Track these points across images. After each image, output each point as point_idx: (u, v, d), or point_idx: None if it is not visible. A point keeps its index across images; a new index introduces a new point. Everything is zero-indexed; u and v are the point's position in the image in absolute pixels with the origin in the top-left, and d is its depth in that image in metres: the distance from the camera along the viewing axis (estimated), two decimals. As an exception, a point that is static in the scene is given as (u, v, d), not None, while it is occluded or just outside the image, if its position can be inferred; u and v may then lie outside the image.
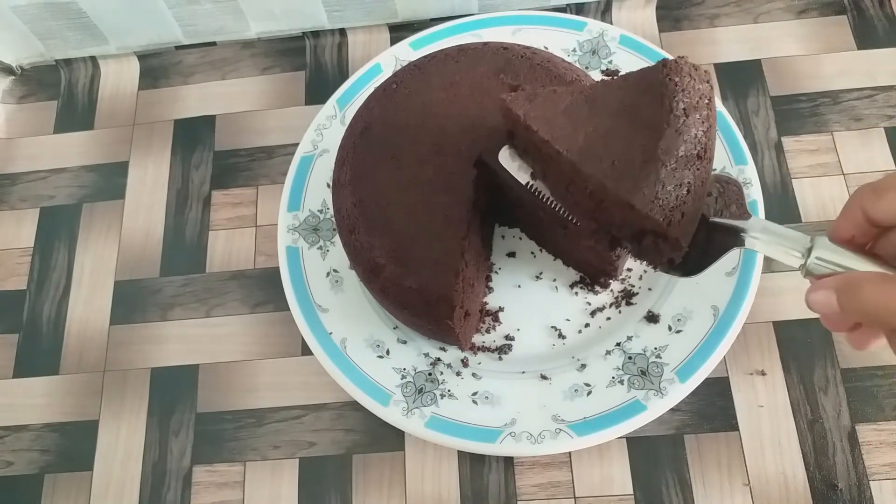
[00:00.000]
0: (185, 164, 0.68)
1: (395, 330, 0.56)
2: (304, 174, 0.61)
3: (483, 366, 0.55)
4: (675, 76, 0.40)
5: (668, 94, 0.40)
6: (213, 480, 0.57)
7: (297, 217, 0.60)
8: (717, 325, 0.53)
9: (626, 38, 0.63)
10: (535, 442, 0.51)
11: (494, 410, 0.53)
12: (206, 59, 0.73)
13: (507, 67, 0.54)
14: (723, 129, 0.59)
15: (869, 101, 0.63)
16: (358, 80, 0.64)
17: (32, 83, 0.74)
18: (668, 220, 0.39)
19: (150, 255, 0.65)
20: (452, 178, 0.50)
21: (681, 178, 0.39)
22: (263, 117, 0.69)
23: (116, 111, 0.71)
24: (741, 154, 0.58)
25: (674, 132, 0.39)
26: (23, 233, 0.67)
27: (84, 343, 0.62)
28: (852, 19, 0.67)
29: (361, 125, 0.54)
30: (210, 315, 0.62)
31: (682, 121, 0.39)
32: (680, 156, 0.39)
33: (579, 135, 0.42)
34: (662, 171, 0.39)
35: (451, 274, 0.48)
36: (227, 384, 0.59)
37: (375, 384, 0.54)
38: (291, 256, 0.58)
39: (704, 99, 0.40)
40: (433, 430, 0.52)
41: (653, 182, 0.39)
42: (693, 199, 0.39)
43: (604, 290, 0.57)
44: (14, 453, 0.59)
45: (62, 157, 0.70)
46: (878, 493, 0.52)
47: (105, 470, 0.58)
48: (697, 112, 0.40)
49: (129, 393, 0.60)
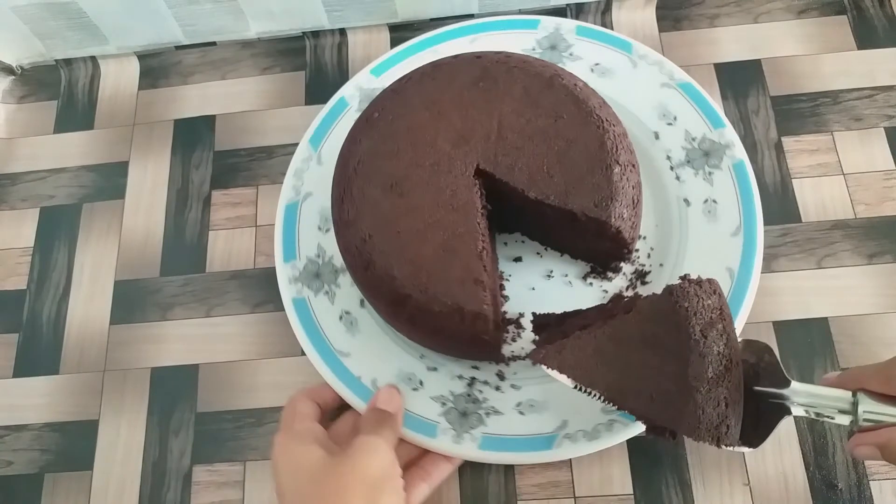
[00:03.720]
0: (185, 164, 0.68)
1: (422, 359, 0.55)
2: (293, 221, 0.60)
3: (519, 375, 0.54)
4: (683, 301, 0.43)
5: (681, 321, 0.42)
6: (213, 480, 0.57)
7: (295, 266, 0.58)
8: (734, 287, 0.53)
9: (583, 29, 0.64)
10: (592, 438, 0.50)
11: (543, 417, 0.52)
12: (206, 58, 0.73)
13: (484, 76, 0.54)
14: (694, 97, 0.60)
15: (869, 100, 0.63)
16: (326, 116, 0.63)
17: (33, 83, 0.74)
18: (716, 437, 0.41)
19: (150, 255, 0.65)
20: (456, 193, 0.50)
21: (717, 397, 0.41)
22: (263, 117, 0.69)
23: (116, 111, 0.71)
24: (717, 118, 0.59)
25: (698, 357, 0.42)
26: (23, 232, 0.67)
27: (84, 343, 0.62)
28: (852, 19, 0.67)
29: (353, 161, 0.53)
30: (210, 315, 0.62)
31: (702, 343, 0.42)
32: (710, 377, 0.41)
33: (613, 373, 0.44)
34: (699, 397, 0.41)
35: (479, 288, 0.48)
36: (227, 384, 0.59)
37: (418, 418, 0.52)
38: (300, 308, 0.57)
39: (716, 311, 0.43)
40: (488, 451, 0.51)
41: (692, 411, 0.41)
42: (733, 409, 0.41)
43: (616, 275, 0.57)
44: (14, 453, 0.59)
45: (62, 157, 0.70)
46: (877, 493, 0.52)
47: (105, 469, 0.58)
48: (713, 328, 0.42)
49: (129, 392, 0.60)
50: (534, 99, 0.53)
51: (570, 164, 0.51)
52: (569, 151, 0.52)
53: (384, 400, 0.51)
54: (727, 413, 0.41)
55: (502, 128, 0.52)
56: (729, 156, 0.58)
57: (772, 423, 0.43)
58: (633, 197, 0.52)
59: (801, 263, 0.59)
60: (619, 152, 0.52)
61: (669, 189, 0.58)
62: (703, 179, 0.58)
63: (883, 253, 0.58)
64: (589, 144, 0.51)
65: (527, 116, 0.53)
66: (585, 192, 0.51)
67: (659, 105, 0.61)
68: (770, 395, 0.43)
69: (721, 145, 0.58)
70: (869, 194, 0.60)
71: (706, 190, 0.57)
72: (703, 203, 0.57)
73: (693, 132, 0.59)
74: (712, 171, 0.58)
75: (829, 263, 0.58)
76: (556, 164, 0.51)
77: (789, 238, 0.59)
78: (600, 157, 0.51)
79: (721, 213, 0.56)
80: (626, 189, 0.51)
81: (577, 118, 0.52)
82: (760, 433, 0.43)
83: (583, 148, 0.51)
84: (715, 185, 0.57)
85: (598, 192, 0.50)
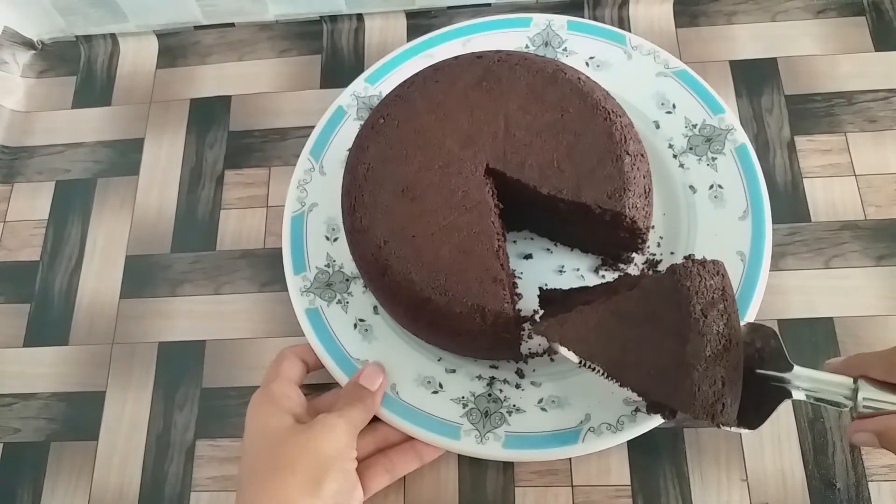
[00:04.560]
0: (199, 143, 0.69)
1: (440, 362, 0.55)
2: (300, 233, 0.59)
3: (538, 371, 0.54)
4: (685, 281, 0.43)
5: (683, 300, 0.43)
6: (216, 455, 0.57)
7: (306, 278, 0.58)
8: (746, 270, 0.54)
9: (574, 24, 0.64)
10: (617, 430, 0.50)
11: (566, 412, 0.52)
12: (224, 39, 0.73)
13: (486, 75, 0.54)
14: (691, 84, 0.61)
15: (884, 102, 0.63)
16: (325, 125, 0.63)
17: (52, 58, 0.75)
18: (711, 413, 0.42)
19: (161, 232, 0.65)
20: (468, 194, 0.51)
21: (714, 376, 0.42)
22: (279, 99, 0.70)
23: (134, 88, 0.72)
24: (715, 104, 0.60)
25: (697, 335, 0.42)
26: (38, 205, 0.68)
27: (94, 315, 0.63)
28: (871, 21, 0.67)
29: (362, 168, 0.53)
30: (219, 292, 0.63)
31: (702, 322, 0.42)
32: (708, 356, 0.42)
33: (613, 348, 0.45)
34: (695, 374, 0.42)
35: (498, 287, 0.48)
36: (232, 361, 0.60)
37: (440, 421, 0.52)
38: (314, 319, 0.56)
39: (718, 292, 0.44)
40: (513, 449, 0.51)
41: (688, 388, 0.42)
42: (730, 387, 0.42)
43: (628, 266, 0.57)
44: (22, 420, 0.60)
45: (79, 132, 0.71)
46: (876, 494, 0.52)
47: (110, 440, 0.59)
48: (714, 308, 0.43)
49: (136, 366, 0.61)
50: (538, 95, 0.53)
51: (580, 158, 0.51)
52: (577, 145, 0.52)
53: (367, 377, 0.52)
54: (723, 392, 0.42)
55: (509, 125, 0.53)
56: (731, 140, 0.58)
57: (772, 406, 0.43)
58: (644, 186, 0.52)
59: (808, 263, 0.58)
60: (629, 142, 0.52)
61: (674, 177, 0.59)
62: (707, 165, 0.58)
63: (891, 255, 0.58)
64: (597, 136, 0.52)
65: (533, 113, 0.53)
66: (598, 184, 0.51)
67: (657, 94, 0.61)
68: (772, 378, 0.44)
69: (722, 130, 0.59)
70: (880, 196, 0.60)
71: (711, 175, 0.58)
72: (708, 189, 0.57)
73: (693, 119, 0.60)
74: (715, 157, 0.58)
75: (837, 264, 0.58)
76: (566, 158, 0.51)
77: (798, 237, 0.59)
78: (609, 148, 0.51)
79: (728, 198, 0.57)
80: (638, 179, 0.52)
81: (583, 111, 0.53)
82: (761, 416, 0.43)
83: (591, 140, 0.52)
84: (719, 171, 0.58)
85: (610, 183, 0.51)
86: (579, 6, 0.70)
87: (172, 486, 0.57)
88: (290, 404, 0.49)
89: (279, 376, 0.51)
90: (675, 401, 0.43)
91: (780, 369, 0.44)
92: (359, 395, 0.51)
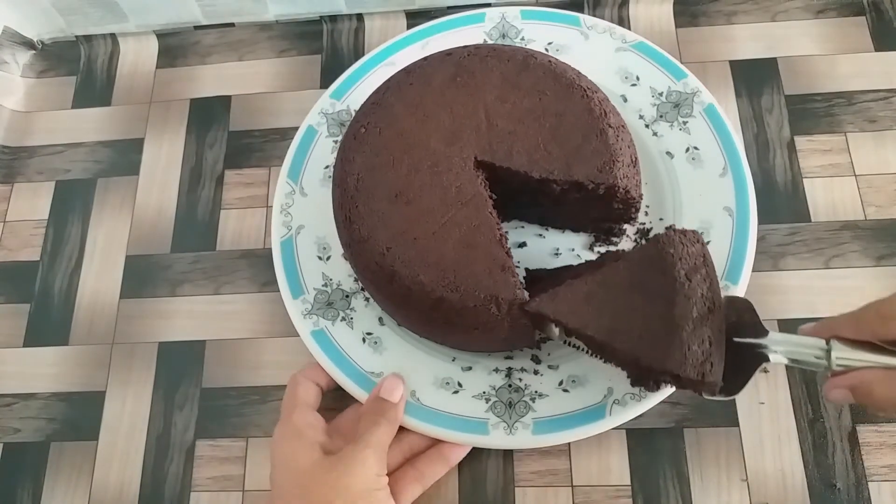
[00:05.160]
0: (199, 143, 0.69)
1: (455, 361, 0.55)
2: (291, 257, 0.58)
3: (553, 355, 0.54)
4: (669, 248, 0.46)
5: (668, 265, 0.46)
6: (216, 455, 0.57)
7: (305, 301, 0.57)
8: (736, 223, 0.55)
9: (527, 12, 0.65)
10: (640, 399, 0.51)
11: (588, 389, 0.52)
12: (224, 39, 0.73)
13: (459, 71, 0.54)
14: (650, 54, 0.62)
15: (884, 102, 0.63)
16: (298, 147, 0.62)
17: (52, 58, 0.75)
18: (701, 373, 0.43)
19: (161, 232, 0.65)
20: (462, 189, 0.51)
21: (701, 335, 0.44)
22: (278, 99, 0.70)
23: (134, 88, 0.72)
24: (677, 70, 0.61)
25: (683, 298, 0.44)
26: (38, 205, 0.68)
27: (94, 315, 0.63)
28: (871, 21, 0.67)
29: (351, 179, 0.53)
30: (218, 292, 0.63)
31: (687, 286, 0.45)
32: (695, 317, 0.44)
33: (604, 317, 0.46)
34: (684, 334, 0.44)
35: (507, 274, 0.49)
36: (232, 361, 0.60)
37: (466, 419, 0.52)
38: (321, 340, 0.55)
39: (700, 258, 0.46)
40: (543, 434, 0.51)
41: (678, 347, 0.43)
42: (716, 348, 0.44)
43: (621, 238, 0.58)
44: (22, 420, 0.60)
45: (79, 132, 0.71)
46: (876, 494, 0.52)
47: (110, 440, 0.59)
48: (697, 273, 0.46)
49: (136, 366, 0.61)
50: (513, 82, 0.54)
51: (565, 137, 0.52)
52: (560, 125, 0.52)
53: (387, 389, 0.52)
54: (711, 351, 0.43)
55: (490, 116, 0.53)
56: (698, 102, 0.59)
57: (750, 371, 0.44)
58: (630, 155, 0.53)
59: (808, 263, 0.58)
60: (608, 115, 0.53)
61: (650, 146, 0.59)
62: (680, 130, 0.59)
63: (891, 255, 0.58)
64: (577, 114, 0.52)
65: (511, 101, 0.53)
66: (586, 160, 0.51)
67: (620, 69, 0.62)
68: (749, 346, 0.45)
69: (688, 94, 0.60)
70: (880, 196, 0.60)
71: (685, 139, 0.59)
72: (685, 152, 0.59)
73: (658, 87, 0.61)
74: (686, 121, 0.59)
75: (837, 264, 0.58)
76: (551, 139, 0.52)
77: (798, 237, 0.59)
78: (591, 124, 0.52)
79: (705, 158, 0.58)
80: (624, 149, 0.52)
81: (559, 92, 0.53)
82: (739, 382, 0.44)
83: (572, 119, 0.52)
84: (692, 133, 0.59)
85: (598, 157, 0.51)
86: (579, 6, 0.70)
87: (172, 486, 0.57)
88: (315, 434, 0.49)
89: (297, 405, 0.51)
90: (666, 363, 0.43)
91: (757, 335, 0.45)
92: (381, 409, 0.51)
